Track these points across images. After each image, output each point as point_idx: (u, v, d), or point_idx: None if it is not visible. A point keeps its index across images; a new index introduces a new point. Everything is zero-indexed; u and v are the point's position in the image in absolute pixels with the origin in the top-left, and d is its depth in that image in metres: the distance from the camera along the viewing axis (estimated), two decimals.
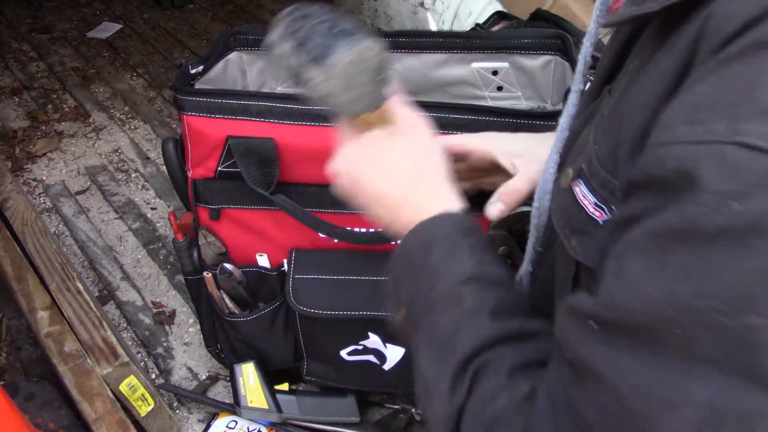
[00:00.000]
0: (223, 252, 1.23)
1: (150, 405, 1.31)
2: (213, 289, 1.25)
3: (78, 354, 1.36)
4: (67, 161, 2.20)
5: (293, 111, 1.06)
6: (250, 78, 1.30)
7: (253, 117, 1.07)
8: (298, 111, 1.06)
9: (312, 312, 1.17)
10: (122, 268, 1.80)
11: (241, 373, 1.30)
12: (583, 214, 0.51)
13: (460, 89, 1.28)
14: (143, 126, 2.37)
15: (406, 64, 1.26)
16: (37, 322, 1.43)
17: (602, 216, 0.50)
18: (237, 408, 1.30)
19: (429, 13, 2.20)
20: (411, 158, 0.65)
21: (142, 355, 1.57)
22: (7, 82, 2.60)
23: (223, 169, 1.12)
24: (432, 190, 0.64)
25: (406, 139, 0.65)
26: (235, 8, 3.19)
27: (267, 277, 1.25)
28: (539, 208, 0.61)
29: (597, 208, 0.50)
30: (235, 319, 1.27)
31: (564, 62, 1.19)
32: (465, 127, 1.04)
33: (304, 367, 1.29)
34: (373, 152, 0.65)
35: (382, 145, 0.65)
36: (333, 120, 0.68)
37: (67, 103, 2.49)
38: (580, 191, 0.52)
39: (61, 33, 2.97)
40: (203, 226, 1.20)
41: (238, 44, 1.25)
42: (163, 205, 2.02)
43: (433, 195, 0.64)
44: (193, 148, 1.12)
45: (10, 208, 1.75)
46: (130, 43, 2.90)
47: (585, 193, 0.51)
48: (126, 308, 1.69)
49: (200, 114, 1.08)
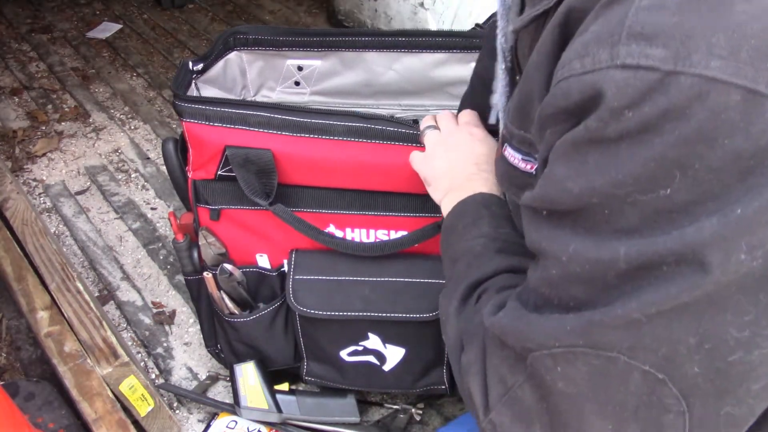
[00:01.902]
0: (223, 252, 1.23)
1: (150, 405, 1.31)
2: (213, 290, 1.25)
3: (78, 354, 1.36)
4: (67, 161, 2.20)
5: (292, 123, 1.06)
6: (250, 78, 1.30)
7: (251, 127, 1.07)
8: (297, 123, 1.06)
9: (312, 313, 1.17)
10: (122, 268, 1.80)
11: (241, 373, 1.30)
12: (518, 171, 0.62)
13: (460, 89, 1.27)
14: (143, 126, 2.37)
15: (406, 64, 1.26)
16: (37, 322, 1.43)
17: (532, 167, 0.61)
18: (237, 408, 1.30)
19: (429, 13, 2.20)
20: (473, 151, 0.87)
21: (142, 355, 1.57)
22: (7, 82, 2.60)
23: (223, 173, 1.12)
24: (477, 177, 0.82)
25: (470, 136, 0.89)
26: (235, 8, 3.19)
27: (267, 278, 1.25)
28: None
29: (525, 162, 0.61)
30: (235, 320, 1.27)
31: None
32: None
33: (304, 367, 1.29)
34: (450, 141, 0.91)
35: (456, 137, 0.90)
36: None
37: (67, 103, 2.49)
38: (509, 154, 0.63)
39: (61, 33, 2.97)
40: (203, 226, 1.20)
41: (238, 44, 1.25)
42: (163, 205, 2.02)
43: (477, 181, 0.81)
44: (194, 152, 1.12)
45: (10, 208, 1.75)
46: (130, 43, 2.90)
47: (512, 154, 0.62)
48: (126, 308, 1.69)
49: (199, 121, 1.08)
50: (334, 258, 1.19)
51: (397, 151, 1.05)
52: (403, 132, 1.04)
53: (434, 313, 1.15)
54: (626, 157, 0.43)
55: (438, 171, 0.89)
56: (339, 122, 1.06)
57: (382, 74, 1.29)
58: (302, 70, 1.28)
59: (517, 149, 0.60)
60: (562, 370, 0.49)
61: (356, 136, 1.06)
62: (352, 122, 1.06)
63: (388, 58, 1.26)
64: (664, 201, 0.43)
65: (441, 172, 0.89)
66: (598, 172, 0.45)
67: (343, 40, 1.25)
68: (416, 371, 1.25)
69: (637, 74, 0.41)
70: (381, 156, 1.06)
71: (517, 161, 0.61)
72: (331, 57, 1.26)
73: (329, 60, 1.27)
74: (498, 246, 0.69)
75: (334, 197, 1.13)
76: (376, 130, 1.05)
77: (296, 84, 1.31)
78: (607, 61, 0.43)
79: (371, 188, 1.11)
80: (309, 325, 1.22)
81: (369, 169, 1.08)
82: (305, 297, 1.18)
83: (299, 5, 3.21)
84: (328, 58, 1.26)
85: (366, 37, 1.26)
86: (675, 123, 0.41)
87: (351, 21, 2.77)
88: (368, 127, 1.05)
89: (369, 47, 1.26)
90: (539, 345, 0.50)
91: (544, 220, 0.51)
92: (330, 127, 1.05)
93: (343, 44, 1.25)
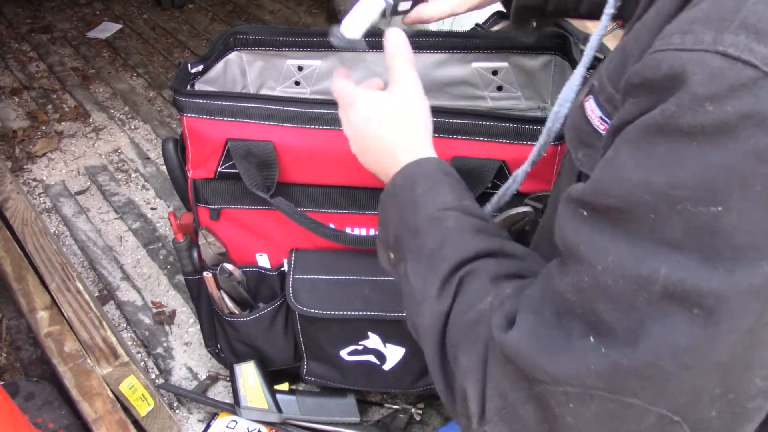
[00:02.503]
0: (223, 252, 1.23)
1: (150, 405, 1.31)
2: (213, 290, 1.25)
3: (78, 354, 1.36)
4: (67, 161, 2.20)
5: (293, 114, 1.06)
6: (250, 78, 1.30)
7: (252, 119, 1.07)
8: (298, 114, 1.06)
9: (312, 312, 1.17)
10: (122, 268, 1.80)
11: (241, 373, 1.30)
12: (590, 127, 0.56)
13: (460, 89, 1.28)
14: (143, 126, 2.37)
15: None
16: (37, 322, 1.43)
17: (605, 128, 0.54)
18: (237, 408, 1.30)
19: None
20: (402, 112, 0.75)
21: (142, 355, 1.57)
22: (7, 82, 2.60)
23: (223, 170, 1.12)
24: (419, 140, 0.73)
25: (399, 95, 0.76)
26: (235, 8, 3.19)
27: (267, 277, 1.25)
28: (557, 113, 0.69)
29: (602, 122, 0.55)
30: (235, 320, 1.27)
31: (564, 62, 1.19)
32: (467, 132, 1.03)
33: (304, 367, 1.29)
34: (373, 106, 0.76)
35: (380, 101, 0.76)
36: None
37: (67, 103, 2.49)
38: (589, 106, 0.56)
39: (61, 33, 2.97)
40: (203, 226, 1.20)
41: (238, 44, 1.25)
42: (163, 205, 2.02)
43: (419, 143, 0.73)
44: (193, 149, 1.12)
45: (10, 208, 1.75)
46: (130, 43, 2.90)
47: (593, 108, 0.56)
48: (126, 308, 1.69)
49: (200, 116, 1.08)
50: (334, 257, 1.19)
51: None
52: None
53: None
54: (693, 156, 0.40)
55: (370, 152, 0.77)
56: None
57: (382, 74, 1.28)
58: (302, 70, 1.28)
59: (600, 105, 0.55)
60: (574, 407, 0.47)
61: None
62: None
63: None
64: (712, 219, 0.39)
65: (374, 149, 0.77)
66: (661, 166, 0.41)
67: None
68: (416, 371, 1.25)
69: (734, 66, 0.38)
70: None
71: (594, 117, 0.56)
72: (331, 57, 1.26)
73: (329, 60, 1.27)
74: (473, 224, 0.63)
75: (334, 196, 1.12)
76: None
77: (296, 84, 1.31)
78: (709, 44, 0.39)
79: (372, 184, 1.10)
80: (309, 324, 1.22)
81: None
82: (305, 296, 1.18)
83: (299, 5, 3.21)
84: (328, 58, 1.26)
85: (366, 37, 1.26)
86: (753, 131, 0.38)
87: None
88: None
89: (369, 47, 1.25)
90: (555, 381, 0.47)
91: (586, 222, 0.47)
92: (331, 116, 1.05)
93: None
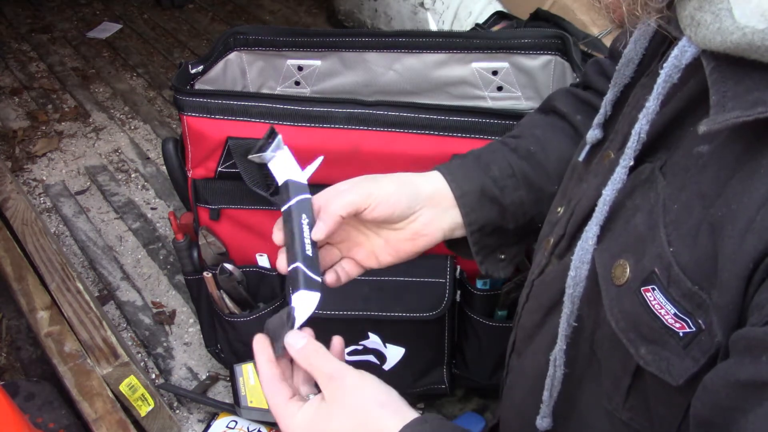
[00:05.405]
0: (223, 252, 1.23)
1: (150, 405, 1.31)
2: (213, 289, 1.25)
3: (78, 354, 1.36)
4: (67, 161, 2.20)
5: (293, 112, 1.06)
6: (250, 78, 1.30)
7: (253, 118, 1.07)
8: (298, 112, 1.06)
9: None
10: (122, 268, 1.80)
11: (241, 373, 1.30)
12: (658, 323, 0.48)
13: (460, 89, 1.28)
14: (143, 126, 2.37)
15: (406, 64, 1.26)
16: (37, 322, 1.43)
17: (684, 328, 0.46)
18: (237, 408, 1.30)
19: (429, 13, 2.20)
20: (353, 419, 0.61)
21: (142, 355, 1.57)
22: (7, 82, 2.60)
23: (223, 169, 1.12)
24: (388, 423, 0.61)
25: (341, 401, 0.62)
26: (235, 8, 3.19)
27: (267, 277, 1.25)
28: (575, 278, 0.57)
29: (677, 320, 0.46)
30: (235, 319, 1.27)
31: (564, 62, 1.19)
32: (465, 129, 1.03)
33: None
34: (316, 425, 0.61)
35: (321, 415, 0.61)
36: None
37: (67, 103, 2.49)
38: (655, 299, 0.48)
39: (61, 33, 2.97)
40: (203, 226, 1.20)
41: (238, 44, 1.25)
42: (163, 205, 2.02)
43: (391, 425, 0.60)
44: (193, 148, 1.12)
45: (10, 208, 1.75)
46: (130, 43, 2.90)
47: (662, 303, 0.47)
48: (126, 308, 1.69)
49: (200, 115, 1.08)
50: None
51: (400, 138, 1.05)
52: (406, 117, 1.04)
53: (434, 312, 1.15)
54: None
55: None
56: (340, 109, 1.05)
57: (382, 74, 1.29)
58: (302, 70, 1.28)
59: (674, 302, 0.46)
60: None
61: (358, 123, 1.05)
62: (354, 109, 1.05)
63: (388, 58, 1.26)
64: None
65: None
66: None
67: (343, 40, 1.25)
68: (416, 370, 1.25)
69: None
70: (383, 143, 1.06)
71: (663, 313, 0.47)
72: (331, 57, 1.26)
73: (329, 60, 1.27)
74: None
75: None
76: (378, 116, 1.04)
77: (296, 84, 1.31)
78: None
79: None
80: (309, 324, 1.22)
81: (370, 158, 1.07)
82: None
83: (299, 5, 3.21)
84: (328, 58, 1.27)
85: (366, 37, 1.26)
86: None
87: (351, 21, 2.77)
88: (370, 113, 1.04)
89: (369, 47, 1.26)
90: None
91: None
92: (331, 114, 1.05)
93: (343, 44, 1.25)
